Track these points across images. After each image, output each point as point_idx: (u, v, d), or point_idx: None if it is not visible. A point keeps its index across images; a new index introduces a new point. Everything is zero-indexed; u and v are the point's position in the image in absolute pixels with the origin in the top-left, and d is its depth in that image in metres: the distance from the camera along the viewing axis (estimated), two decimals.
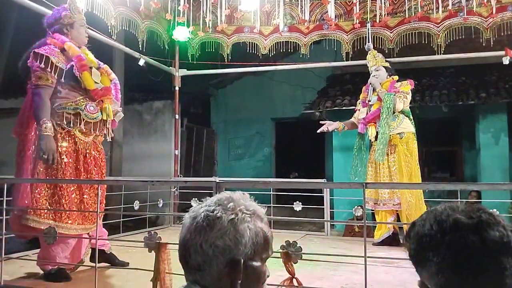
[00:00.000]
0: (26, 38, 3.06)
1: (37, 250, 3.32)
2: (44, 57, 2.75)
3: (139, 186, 5.67)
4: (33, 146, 2.81)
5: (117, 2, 4.55)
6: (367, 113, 4.45)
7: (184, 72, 6.15)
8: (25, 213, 2.75)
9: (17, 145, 2.90)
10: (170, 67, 6.11)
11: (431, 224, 0.82)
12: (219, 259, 0.93)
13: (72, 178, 2.84)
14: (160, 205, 5.65)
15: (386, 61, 4.55)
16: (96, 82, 2.91)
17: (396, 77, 4.45)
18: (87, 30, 3.12)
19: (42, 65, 2.74)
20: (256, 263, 0.97)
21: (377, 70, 4.46)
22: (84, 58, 2.91)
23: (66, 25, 2.95)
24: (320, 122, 4.74)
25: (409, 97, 4.33)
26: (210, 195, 2.38)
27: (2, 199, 2.65)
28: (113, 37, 4.67)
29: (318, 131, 4.72)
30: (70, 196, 2.82)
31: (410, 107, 4.44)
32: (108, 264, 3.14)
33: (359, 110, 4.65)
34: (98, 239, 2.69)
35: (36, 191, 2.76)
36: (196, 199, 5.63)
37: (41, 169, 2.77)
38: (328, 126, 4.63)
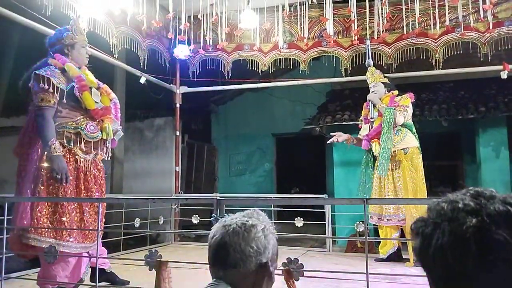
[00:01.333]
0: (28, 58, 3.10)
1: (37, 269, 3.30)
2: (46, 78, 2.78)
3: (140, 204, 5.65)
4: (35, 166, 2.82)
5: (118, 21, 4.63)
6: (369, 130, 4.47)
7: (185, 89, 6.20)
8: (26, 232, 2.74)
9: (18, 165, 2.89)
10: (171, 85, 6.17)
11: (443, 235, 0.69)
12: (252, 260, 1.11)
13: (74, 196, 2.84)
14: (161, 222, 5.62)
15: (385, 76, 4.59)
16: (96, 102, 2.94)
17: (396, 92, 4.48)
18: (88, 50, 3.15)
19: (44, 87, 2.76)
20: (272, 269, 1.17)
21: (375, 86, 4.50)
22: (84, 79, 2.94)
23: (67, 45, 2.98)
24: (330, 134, 4.75)
25: (410, 110, 4.35)
26: (211, 211, 2.38)
27: (2, 217, 2.64)
28: (114, 55, 4.73)
29: (328, 142, 4.72)
30: (71, 214, 2.82)
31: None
32: (109, 283, 3.12)
33: (362, 127, 4.67)
34: (98, 257, 2.67)
35: (37, 210, 2.75)
36: (197, 215, 5.62)
37: (42, 188, 2.78)
38: (338, 137, 4.61)
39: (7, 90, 8.96)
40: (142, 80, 5.52)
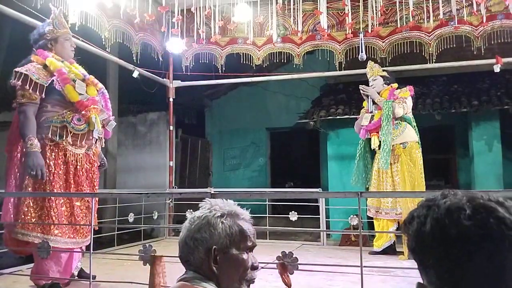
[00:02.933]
0: (20, 53, 3.06)
1: (30, 265, 3.30)
2: (23, 75, 2.76)
3: (134, 198, 5.63)
4: (19, 163, 2.81)
5: (110, 14, 4.57)
6: (370, 121, 4.44)
7: (178, 83, 6.16)
8: (14, 227, 2.73)
9: (7, 162, 2.90)
10: (164, 79, 6.12)
11: (432, 226, 0.71)
12: (199, 249, 1.14)
13: (62, 191, 2.83)
14: (155, 217, 5.61)
15: (384, 70, 4.56)
16: (80, 94, 2.91)
17: (395, 85, 4.45)
18: (73, 42, 3.11)
19: (22, 83, 2.75)
20: (234, 252, 1.16)
21: (374, 80, 4.48)
22: (65, 72, 2.90)
23: (50, 40, 2.96)
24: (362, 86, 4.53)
25: (409, 102, 4.31)
26: None
27: None
28: (107, 49, 4.68)
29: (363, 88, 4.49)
30: (60, 209, 2.80)
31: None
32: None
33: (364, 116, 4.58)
34: (92, 252, 2.67)
35: (24, 204, 2.74)
36: (191, 210, 5.60)
37: (28, 183, 2.76)
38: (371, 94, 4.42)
39: None
40: (135, 74, 5.48)
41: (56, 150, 2.84)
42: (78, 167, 2.91)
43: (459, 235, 0.68)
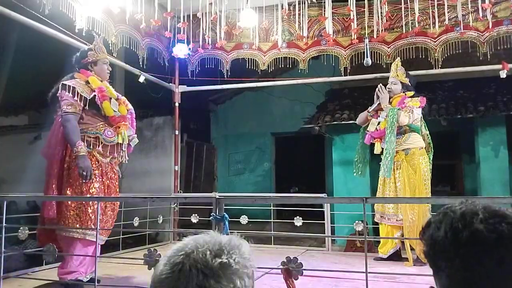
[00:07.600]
0: (27, 57, 3.14)
1: (36, 268, 3.34)
2: (71, 87, 3.14)
3: (139, 203, 5.65)
4: (60, 165, 3.13)
5: (117, 20, 4.61)
6: (376, 127, 4.39)
7: (184, 88, 6.19)
8: (55, 224, 3.08)
9: (47, 164, 3.22)
10: (170, 84, 6.15)
11: (446, 230, 0.73)
12: None
13: (99, 192, 3.17)
14: (160, 221, 5.62)
15: (407, 76, 4.41)
16: (114, 111, 3.27)
17: (410, 93, 4.35)
18: (109, 67, 3.47)
19: (70, 95, 3.13)
20: None
21: (394, 84, 4.37)
22: (105, 90, 3.28)
23: (90, 62, 3.35)
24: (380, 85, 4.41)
25: (417, 112, 4.21)
26: (210, 210, 2.36)
27: (1, 216, 2.65)
28: (113, 54, 4.72)
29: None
30: (95, 207, 3.08)
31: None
32: None
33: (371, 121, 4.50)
34: (97, 256, 2.69)
35: (64, 203, 3.09)
36: (196, 215, 5.62)
37: (68, 184, 3.10)
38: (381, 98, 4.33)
39: (5, 89, 8.93)
40: (141, 79, 5.51)
41: (90, 157, 3.14)
42: (107, 174, 3.27)
43: (471, 238, 0.69)
